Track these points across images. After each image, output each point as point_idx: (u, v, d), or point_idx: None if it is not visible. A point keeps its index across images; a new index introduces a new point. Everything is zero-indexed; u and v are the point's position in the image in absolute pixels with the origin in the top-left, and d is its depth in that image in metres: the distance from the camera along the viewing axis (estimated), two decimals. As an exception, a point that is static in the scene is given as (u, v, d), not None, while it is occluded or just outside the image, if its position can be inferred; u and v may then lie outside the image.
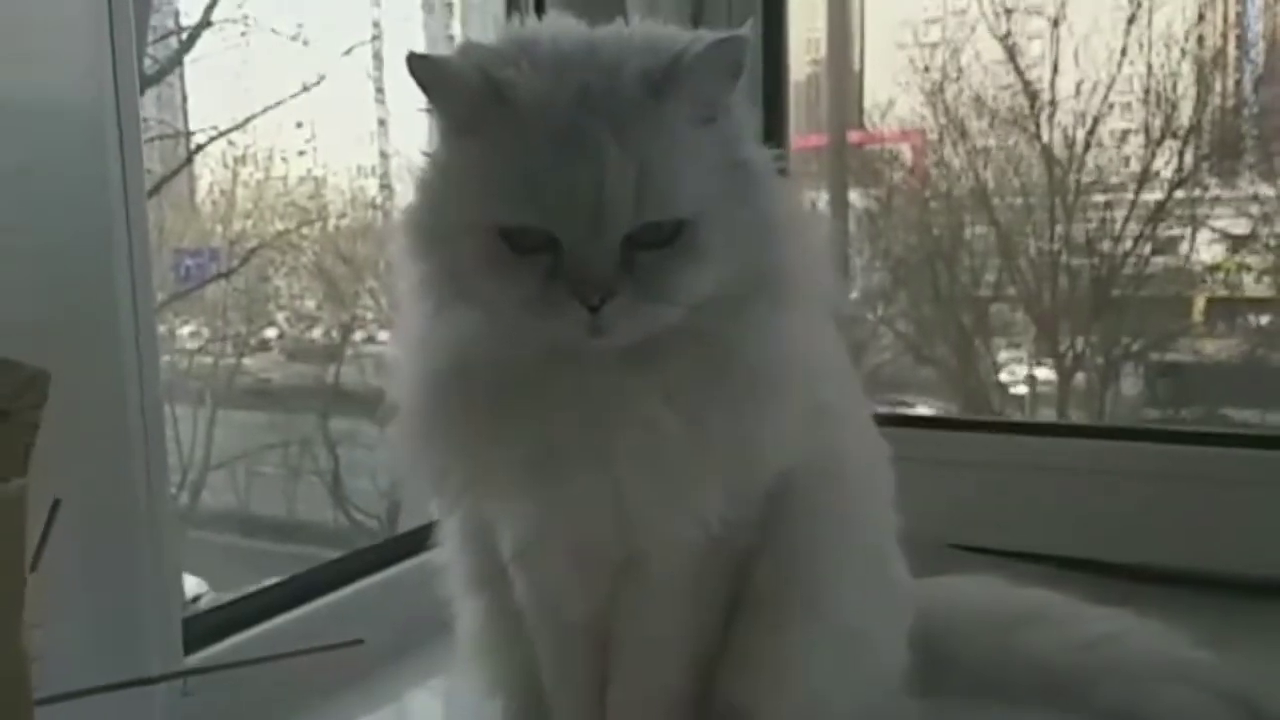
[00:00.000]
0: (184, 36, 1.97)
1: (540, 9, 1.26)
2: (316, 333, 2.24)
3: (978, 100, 1.92)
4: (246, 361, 2.20)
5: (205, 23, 1.93)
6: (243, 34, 1.98)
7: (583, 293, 0.60)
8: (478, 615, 0.81)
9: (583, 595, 0.72)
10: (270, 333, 2.23)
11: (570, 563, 0.71)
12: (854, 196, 1.95)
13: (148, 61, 1.86)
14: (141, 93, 1.91)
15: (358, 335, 2.08)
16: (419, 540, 0.85)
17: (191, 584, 1.81)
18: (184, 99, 1.99)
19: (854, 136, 1.98)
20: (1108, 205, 1.87)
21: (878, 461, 0.80)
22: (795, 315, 0.66)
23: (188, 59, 1.96)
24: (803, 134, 1.96)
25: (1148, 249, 1.85)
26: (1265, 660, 0.88)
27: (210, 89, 2.02)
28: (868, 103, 1.97)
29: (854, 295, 1.98)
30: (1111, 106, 1.83)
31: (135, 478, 0.78)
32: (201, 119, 2.00)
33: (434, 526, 0.81)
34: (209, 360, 2.14)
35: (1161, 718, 0.82)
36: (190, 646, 0.84)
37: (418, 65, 0.62)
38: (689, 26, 0.67)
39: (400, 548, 1.00)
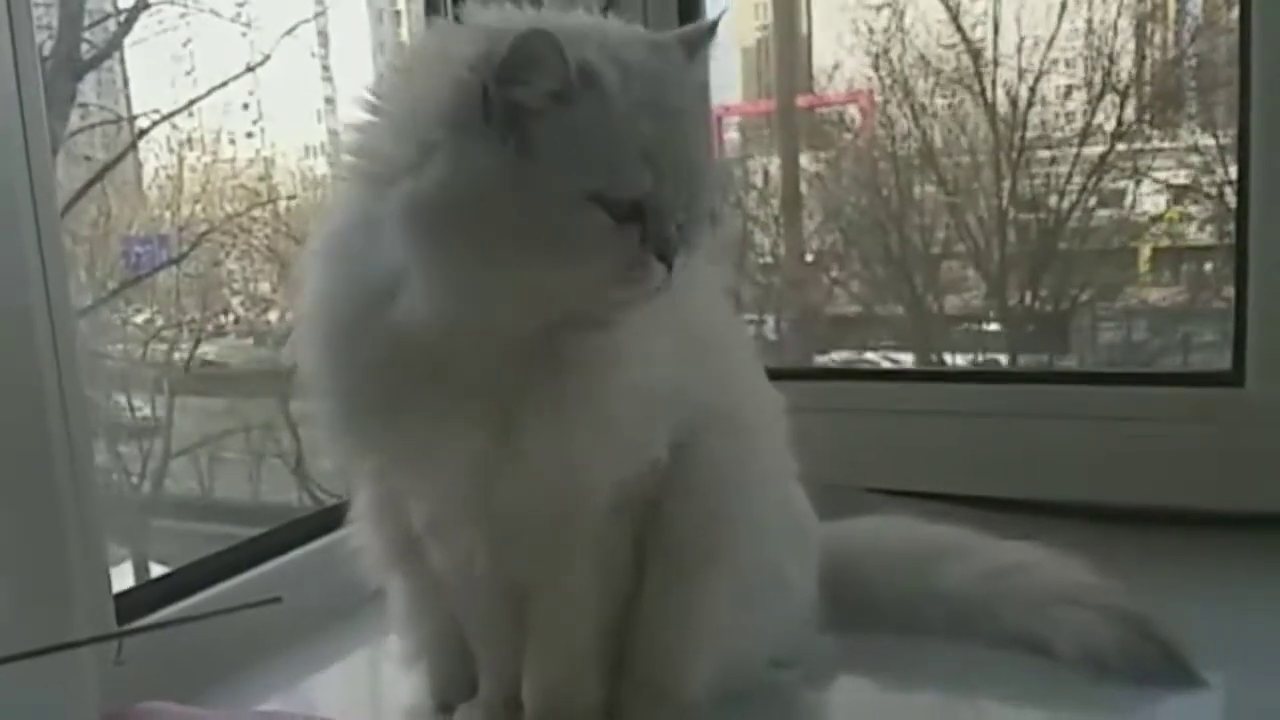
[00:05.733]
0: (122, 19, 1.94)
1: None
2: (272, 316, 2.22)
3: (923, 60, 1.93)
4: (203, 347, 2.18)
5: (143, 4, 1.90)
6: (182, 15, 1.96)
7: (669, 254, 0.65)
8: (397, 588, 0.85)
9: (493, 558, 0.75)
10: (226, 317, 2.21)
11: (480, 529, 0.73)
12: (804, 160, 1.96)
13: (85, 46, 1.84)
14: (80, 78, 1.89)
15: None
16: (343, 512, 0.87)
17: (159, 573, 1.81)
18: (125, 83, 1.97)
19: (803, 100, 1.99)
20: (1052, 160, 1.89)
21: (771, 412, 0.84)
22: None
23: (127, 42, 1.93)
24: (752, 99, 1.97)
25: (1092, 202, 1.87)
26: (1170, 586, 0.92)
27: (151, 72, 1.99)
28: (815, 66, 1.98)
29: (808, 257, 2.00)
30: (1053, 62, 1.85)
31: (55, 450, 0.78)
32: (144, 103, 1.97)
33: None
34: (164, 348, 2.12)
35: (1060, 639, 0.86)
36: (124, 620, 0.85)
37: (541, 40, 0.60)
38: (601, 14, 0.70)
39: (327, 520, 1.01)
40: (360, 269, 0.65)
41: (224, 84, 2.00)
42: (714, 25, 0.72)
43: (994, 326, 1.99)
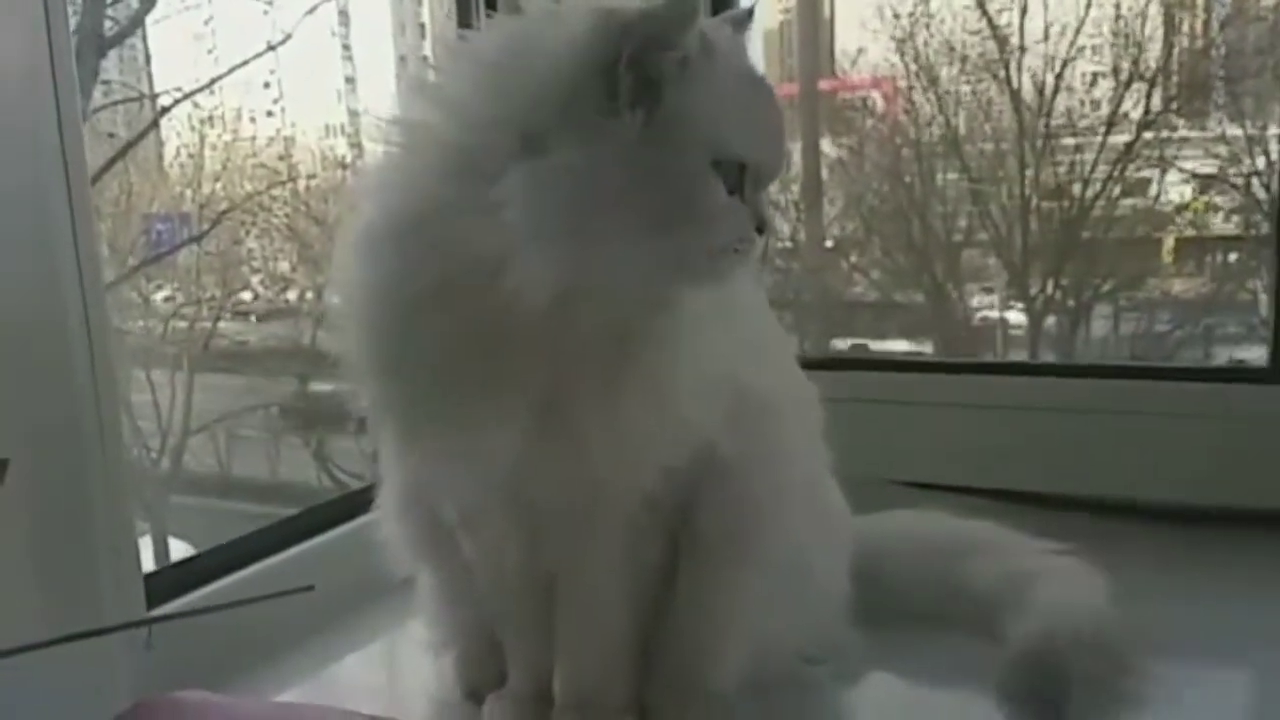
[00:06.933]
0: (144, -4, 1.94)
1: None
2: (291, 294, 2.23)
3: (948, 46, 1.92)
4: (222, 325, 2.19)
5: (166, -18, 1.90)
6: (204, -7, 1.96)
7: (765, 225, 0.67)
8: (426, 577, 0.84)
9: (527, 550, 0.74)
10: (245, 295, 2.22)
11: (516, 520, 0.73)
12: (825, 145, 1.95)
13: (108, 24, 1.84)
14: (103, 55, 1.88)
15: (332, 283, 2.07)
16: (370, 497, 0.86)
17: (178, 548, 1.82)
18: (147, 60, 1.97)
19: (825, 84, 1.97)
20: (1077, 149, 1.88)
21: (804, 402, 0.83)
22: None
23: (149, 20, 1.93)
24: (775, 83, 1.96)
25: (1117, 191, 1.86)
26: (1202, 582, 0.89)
27: (174, 50, 1.99)
28: (838, 50, 1.97)
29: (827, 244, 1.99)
30: (1080, 50, 1.84)
31: (87, 434, 0.78)
32: (166, 81, 1.98)
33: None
34: (185, 325, 2.13)
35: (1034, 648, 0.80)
36: (154, 602, 0.85)
37: (689, 3, 0.62)
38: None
39: (357, 502, 1.01)
40: (436, 255, 0.64)
41: (245, 62, 2.01)
42: (751, 10, 0.75)
43: (1016, 315, 1.98)
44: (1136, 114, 1.83)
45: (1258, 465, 1.09)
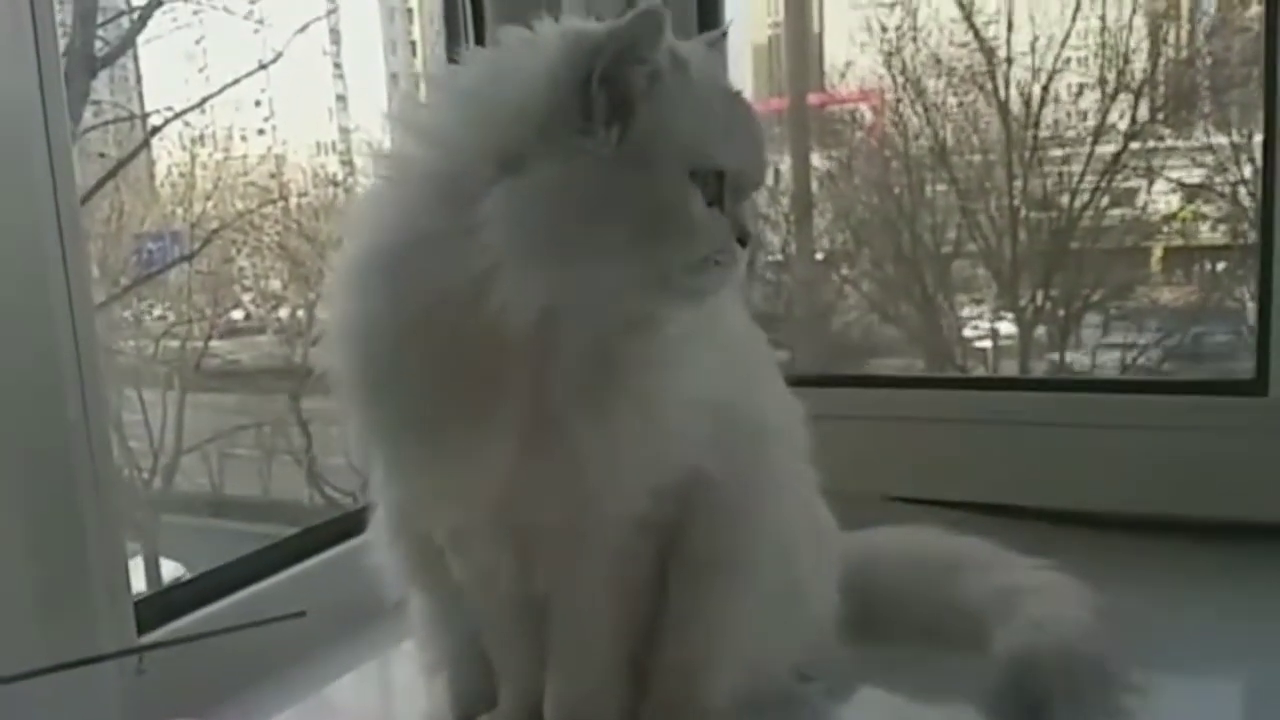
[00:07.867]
0: (135, 16, 1.95)
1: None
2: (283, 312, 2.23)
3: (935, 59, 1.92)
4: (214, 343, 2.19)
5: (157, 2, 1.90)
6: (195, 12, 1.96)
7: (747, 236, 0.68)
8: (418, 599, 0.85)
9: (517, 572, 0.75)
10: (237, 314, 2.22)
11: (506, 542, 0.73)
12: (815, 159, 1.96)
13: (99, 44, 1.84)
14: (94, 75, 1.89)
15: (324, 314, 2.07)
16: (362, 518, 0.87)
17: (169, 568, 1.82)
18: (138, 80, 1.97)
19: (814, 98, 1.98)
20: (1065, 159, 1.89)
21: (792, 422, 0.84)
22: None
23: (140, 39, 1.94)
24: (764, 97, 1.97)
25: (1105, 201, 1.87)
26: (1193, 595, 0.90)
27: (165, 70, 2.00)
28: (827, 64, 1.98)
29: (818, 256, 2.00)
30: (1067, 61, 1.84)
31: (77, 459, 0.78)
32: (157, 100, 1.98)
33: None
34: (176, 344, 2.13)
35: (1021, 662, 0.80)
36: (144, 627, 0.85)
37: (658, 16, 0.63)
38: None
39: (348, 525, 1.01)
40: (422, 282, 0.64)
41: (236, 81, 2.01)
42: (724, 32, 0.78)
43: (1005, 326, 1.99)
44: (1123, 124, 1.84)
45: (1246, 477, 1.09)
